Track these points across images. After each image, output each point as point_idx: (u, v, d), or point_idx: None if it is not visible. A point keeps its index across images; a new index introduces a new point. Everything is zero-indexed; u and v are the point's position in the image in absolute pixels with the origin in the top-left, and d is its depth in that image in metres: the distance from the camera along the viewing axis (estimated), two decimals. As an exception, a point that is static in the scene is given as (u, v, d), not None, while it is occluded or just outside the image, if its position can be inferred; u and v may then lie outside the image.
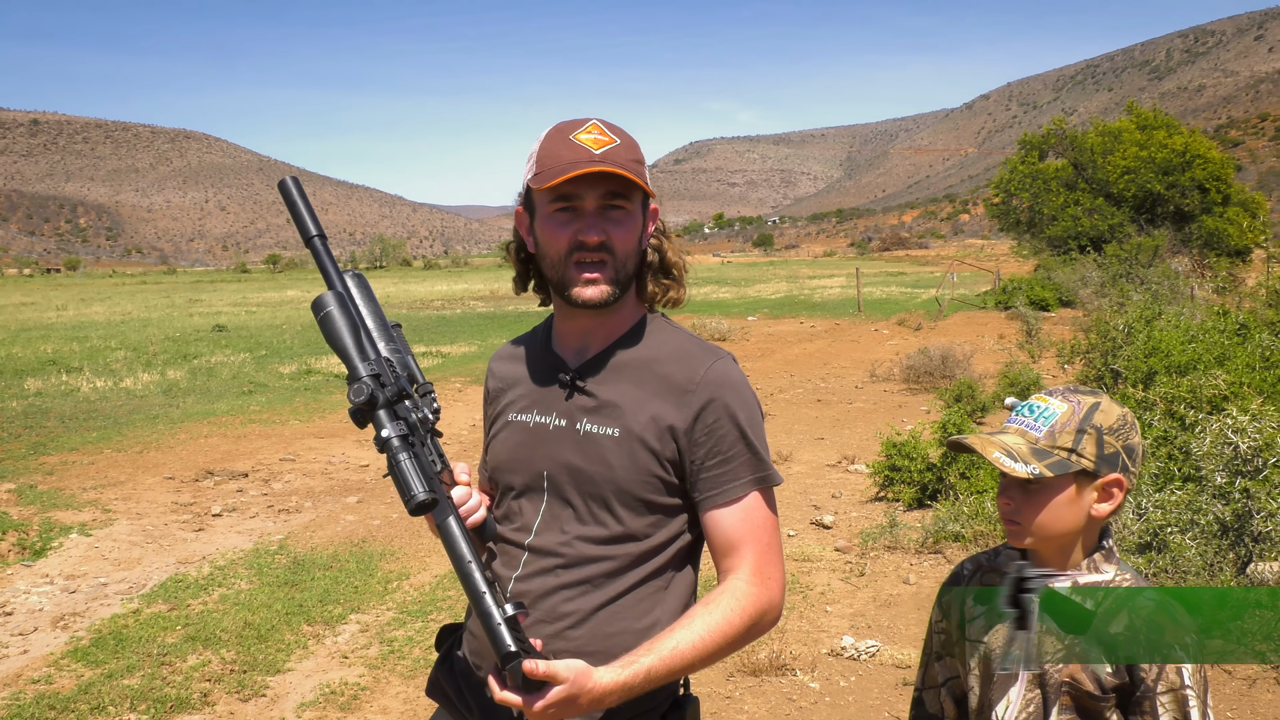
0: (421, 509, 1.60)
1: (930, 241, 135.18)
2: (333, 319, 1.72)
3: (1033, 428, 1.77)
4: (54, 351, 21.44)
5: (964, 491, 7.15)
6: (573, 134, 1.76)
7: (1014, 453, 1.73)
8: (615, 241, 1.77)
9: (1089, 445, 1.72)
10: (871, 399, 13.46)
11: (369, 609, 5.96)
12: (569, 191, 1.75)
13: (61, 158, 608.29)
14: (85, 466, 9.81)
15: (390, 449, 1.63)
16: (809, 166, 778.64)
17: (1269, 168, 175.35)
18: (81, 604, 6.06)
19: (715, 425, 1.79)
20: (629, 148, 1.77)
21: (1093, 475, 1.73)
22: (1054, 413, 1.76)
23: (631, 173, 1.73)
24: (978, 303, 29.97)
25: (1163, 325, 9.75)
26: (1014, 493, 1.77)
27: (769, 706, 4.56)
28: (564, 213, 1.77)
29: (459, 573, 1.64)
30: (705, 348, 1.87)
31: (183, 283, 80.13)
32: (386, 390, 1.66)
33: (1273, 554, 4.78)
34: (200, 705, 4.67)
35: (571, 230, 1.76)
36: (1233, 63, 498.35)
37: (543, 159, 1.77)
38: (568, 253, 1.77)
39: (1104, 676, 1.70)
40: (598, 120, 1.79)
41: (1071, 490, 1.74)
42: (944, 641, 1.99)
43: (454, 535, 1.66)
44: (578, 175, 1.71)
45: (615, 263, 1.78)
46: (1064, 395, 1.78)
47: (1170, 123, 34.91)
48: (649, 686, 1.67)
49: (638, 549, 1.81)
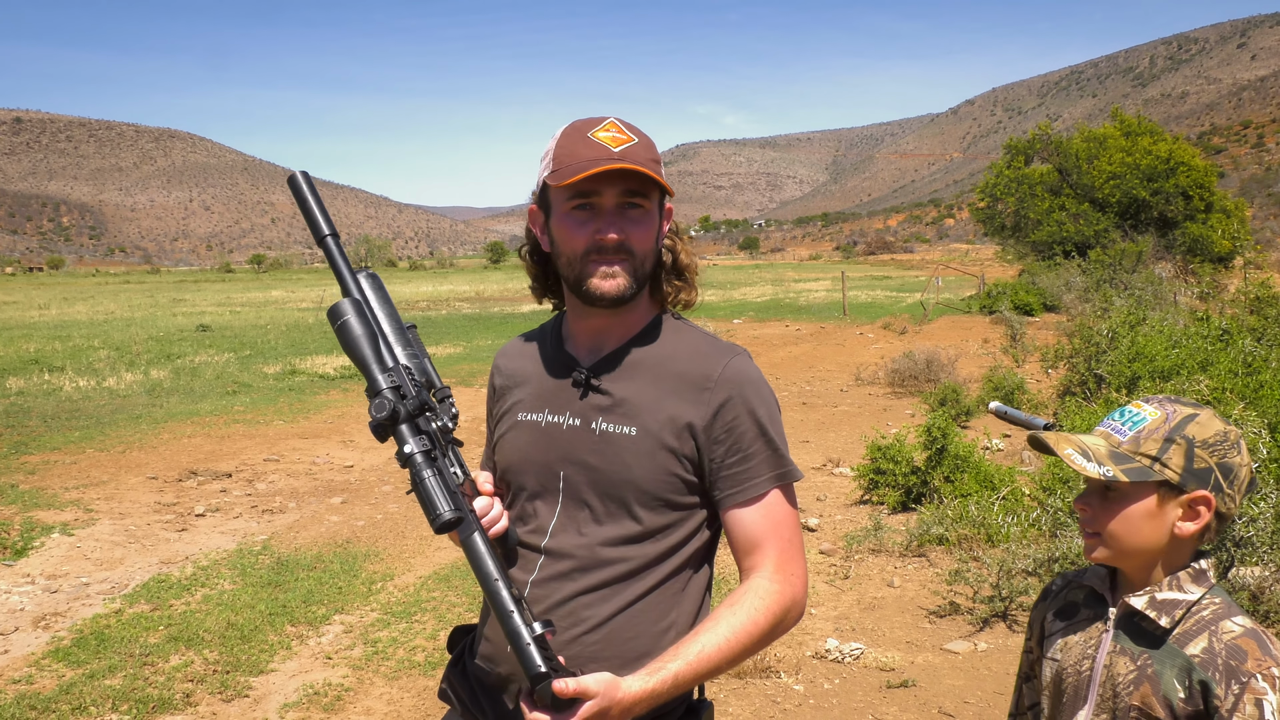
0: (447, 528, 1.59)
1: (915, 245, 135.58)
2: (350, 329, 1.69)
3: (1119, 431, 1.67)
4: (36, 350, 21.31)
5: (948, 495, 7.17)
6: (590, 131, 1.73)
7: (1090, 452, 1.65)
8: (634, 241, 1.74)
9: (1176, 456, 1.61)
10: (857, 402, 13.49)
11: (353, 610, 5.94)
12: (588, 189, 1.72)
13: (45, 156, 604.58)
14: (67, 466, 9.75)
15: (414, 466, 1.61)
16: (795, 170, 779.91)
17: (1251, 175, 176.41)
18: (63, 604, 6.03)
19: (734, 422, 1.77)
20: (646, 146, 1.75)
21: (1178, 489, 1.62)
22: (1144, 418, 1.66)
23: (651, 171, 1.71)
24: (962, 307, 30.05)
25: (1146, 331, 9.80)
26: (1092, 499, 1.69)
27: (753, 708, 4.56)
28: (582, 210, 1.74)
29: (486, 590, 1.61)
30: (722, 345, 1.86)
31: (166, 282, 79.72)
32: (408, 403, 1.64)
33: (1254, 559, 4.81)
34: (183, 706, 4.64)
35: (590, 229, 1.74)
36: (1216, 70, 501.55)
37: (560, 156, 1.74)
38: (585, 252, 1.74)
39: (1176, 703, 1.58)
40: (615, 119, 1.76)
41: (1152, 502, 1.63)
42: (1030, 661, 1.91)
43: (480, 553, 1.63)
44: (598, 173, 1.68)
45: (634, 262, 1.75)
46: (1160, 403, 1.68)
47: (1155, 129, 35.11)
48: (676, 692, 1.65)
49: (655, 550, 1.78)
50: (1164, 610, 1.63)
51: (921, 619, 5.59)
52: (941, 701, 4.57)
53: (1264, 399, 6.26)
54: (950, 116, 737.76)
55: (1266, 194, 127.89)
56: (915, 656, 5.08)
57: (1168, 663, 1.60)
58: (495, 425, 1.96)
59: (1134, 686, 1.62)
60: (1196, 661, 1.58)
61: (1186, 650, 1.59)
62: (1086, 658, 1.71)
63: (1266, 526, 4.67)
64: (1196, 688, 1.57)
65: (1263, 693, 1.52)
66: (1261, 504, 4.71)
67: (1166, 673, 1.60)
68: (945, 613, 5.62)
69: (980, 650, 5.08)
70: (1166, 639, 1.62)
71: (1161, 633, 1.63)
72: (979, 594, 5.59)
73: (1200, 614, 1.63)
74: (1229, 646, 1.57)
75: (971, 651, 5.08)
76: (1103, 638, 1.70)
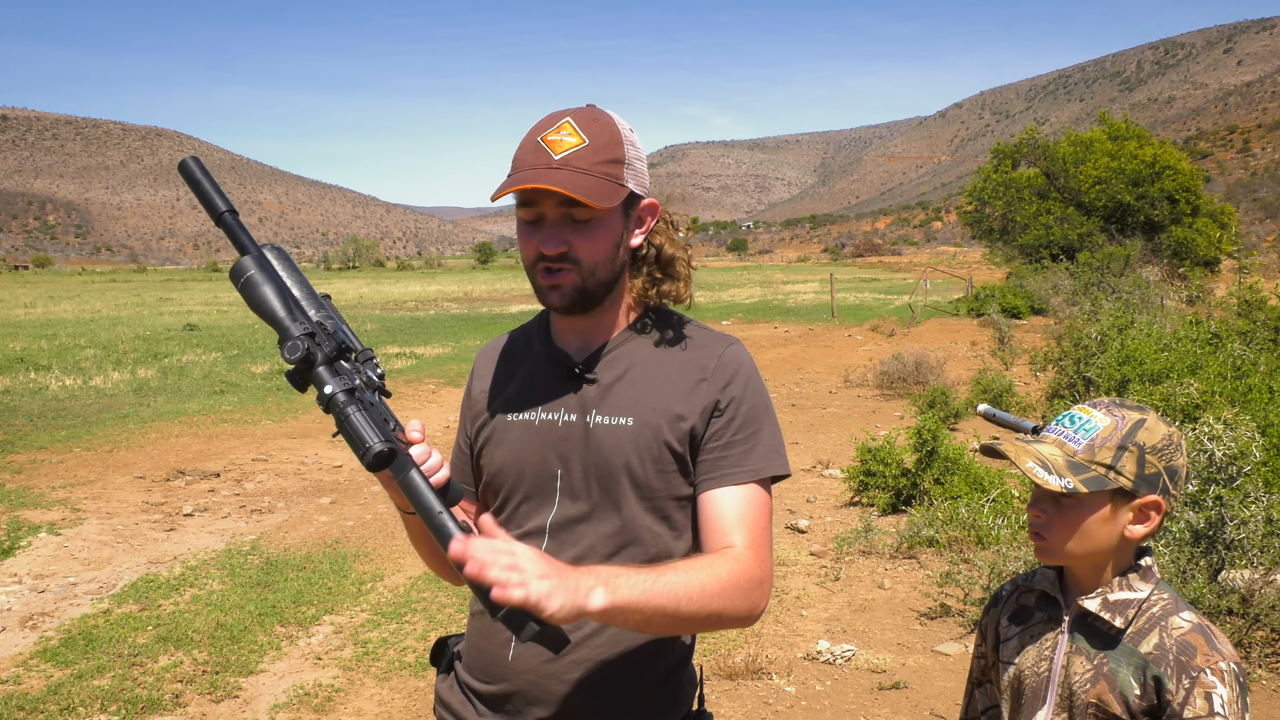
0: (380, 461, 1.44)
1: (903, 248, 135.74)
2: (255, 283, 1.55)
3: (1072, 439, 1.68)
4: (22, 349, 21.19)
5: (938, 497, 7.19)
6: (542, 134, 1.65)
7: (1049, 464, 1.65)
8: (579, 250, 1.66)
9: (1129, 463, 1.64)
10: (845, 404, 13.51)
11: (343, 610, 5.92)
12: (529, 198, 1.64)
13: (30, 154, 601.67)
14: (54, 465, 9.70)
15: (336, 404, 1.46)
16: (783, 172, 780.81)
17: (1236, 179, 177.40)
18: (50, 604, 5.99)
19: (730, 410, 1.73)
20: (600, 148, 1.65)
21: (1130, 495, 1.65)
22: (1096, 426, 1.67)
23: (592, 178, 1.62)
24: (951, 309, 30.12)
25: (1135, 334, 9.83)
26: (1045, 505, 1.70)
27: (745, 710, 4.56)
28: (530, 222, 1.68)
29: (430, 526, 1.44)
30: (716, 334, 1.83)
31: (153, 281, 79.43)
32: (324, 347, 1.51)
33: (1244, 561, 4.83)
34: (172, 706, 4.62)
35: (535, 241, 1.67)
36: (1202, 75, 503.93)
37: (514, 159, 1.68)
38: (533, 261, 1.69)
39: (1132, 699, 1.62)
40: (571, 119, 1.67)
41: (1106, 509, 1.66)
42: (983, 667, 1.93)
43: (419, 487, 1.47)
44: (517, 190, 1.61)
45: (582, 271, 1.68)
46: (1108, 409, 1.69)
47: (1141, 134, 35.33)
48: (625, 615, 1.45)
49: (656, 546, 1.73)
50: (1117, 611, 1.67)
51: (912, 621, 5.60)
52: (933, 703, 4.57)
53: (1253, 402, 6.28)
54: (938, 119, 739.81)
55: (1252, 199, 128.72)
56: (906, 658, 5.09)
57: (1123, 661, 1.65)
58: (478, 432, 1.87)
59: (1090, 685, 1.66)
60: (1150, 658, 1.62)
61: (1140, 648, 1.64)
62: (1044, 659, 1.75)
63: (1257, 529, 4.69)
64: (1150, 683, 1.61)
65: (1212, 686, 1.57)
66: (1252, 507, 4.72)
67: (1122, 671, 1.64)
68: (936, 614, 5.63)
69: (971, 652, 5.09)
70: (1121, 638, 1.67)
71: (1116, 633, 1.67)
72: (970, 596, 5.60)
73: (1150, 610, 1.67)
74: (1179, 642, 1.62)
75: (963, 653, 5.09)
76: (1059, 639, 1.74)
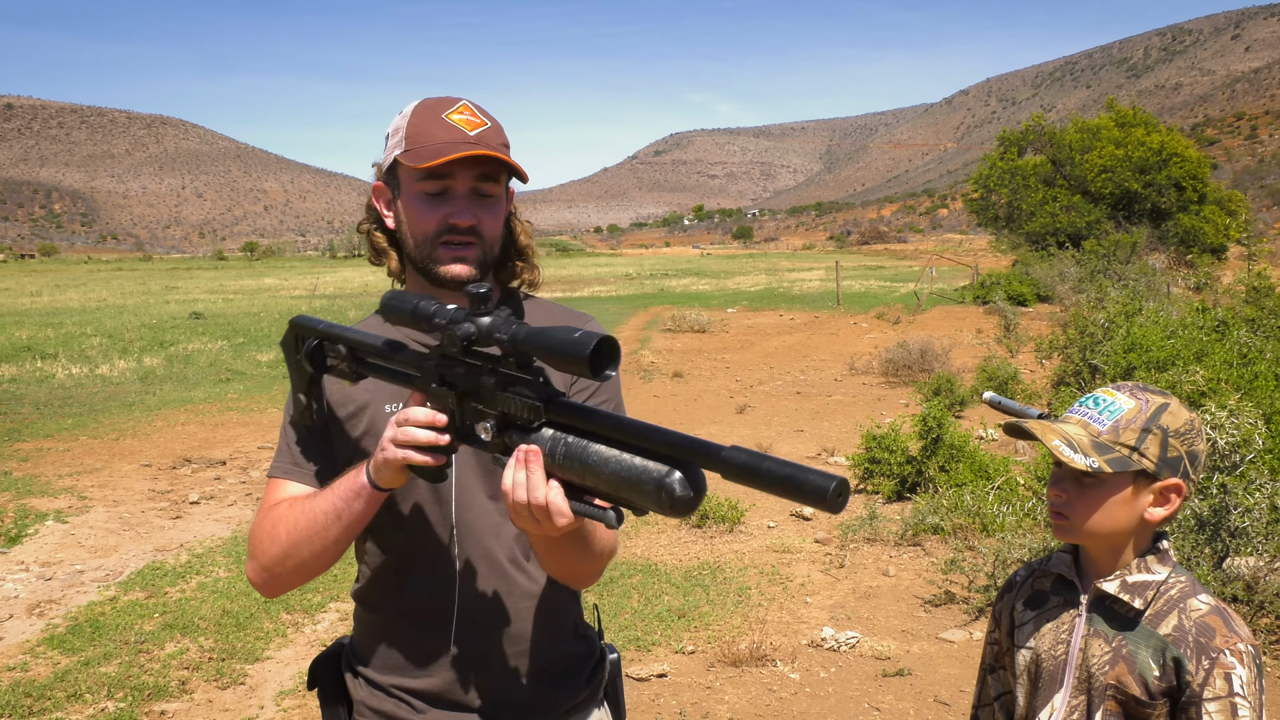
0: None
1: (909, 236, 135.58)
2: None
3: (1096, 420, 1.69)
4: (29, 338, 21.24)
5: (943, 485, 7.18)
6: (445, 113, 1.71)
7: (1075, 443, 1.67)
8: (484, 225, 1.73)
9: (1152, 446, 1.66)
10: (851, 392, 13.50)
11: (348, 597, 5.92)
12: (443, 171, 1.69)
13: (36, 143, 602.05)
14: (61, 453, 9.73)
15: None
16: (789, 160, 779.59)
17: (1244, 166, 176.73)
18: (58, 591, 6.02)
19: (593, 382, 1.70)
20: (498, 131, 1.74)
21: (1152, 477, 1.67)
22: (1120, 408, 1.69)
23: (506, 156, 1.70)
24: (956, 297, 30.07)
25: (1142, 321, 9.81)
26: (1068, 485, 1.71)
27: (749, 697, 4.57)
28: (434, 193, 1.71)
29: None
30: (576, 314, 1.87)
31: (159, 269, 79.52)
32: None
33: (1249, 549, 4.82)
34: (178, 693, 4.64)
35: (441, 213, 1.71)
36: (1209, 61, 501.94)
37: (414, 136, 1.70)
38: (436, 234, 1.72)
39: (1151, 681, 1.64)
40: (467, 101, 1.75)
41: (1128, 490, 1.67)
42: (996, 653, 1.94)
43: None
44: (456, 158, 1.66)
45: (484, 246, 1.74)
46: (1132, 392, 1.71)
47: (1149, 120, 35.14)
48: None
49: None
50: (1136, 593, 1.68)
51: (917, 608, 5.60)
52: (937, 690, 4.58)
53: (1259, 390, 6.27)
54: (944, 107, 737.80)
55: (1260, 185, 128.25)
56: (911, 645, 5.09)
57: (1142, 643, 1.66)
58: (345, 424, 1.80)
59: (1109, 666, 1.68)
60: (1169, 640, 1.64)
61: (1159, 630, 1.65)
62: (1061, 642, 1.76)
63: (1262, 517, 4.68)
64: (1170, 665, 1.63)
65: (1231, 667, 1.59)
66: (1257, 494, 4.71)
67: (1141, 652, 1.66)
68: (941, 602, 5.63)
69: (975, 639, 5.09)
70: (1140, 620, 1.68)
71: (1135, 614, 1.69)
72: (974, 583, 5.60)
73: (1168, 593, 1.69)
74: (1198, 624, 1.63)
75: (967, 640, 5.09)
76: (1076, 622, 1.75)
